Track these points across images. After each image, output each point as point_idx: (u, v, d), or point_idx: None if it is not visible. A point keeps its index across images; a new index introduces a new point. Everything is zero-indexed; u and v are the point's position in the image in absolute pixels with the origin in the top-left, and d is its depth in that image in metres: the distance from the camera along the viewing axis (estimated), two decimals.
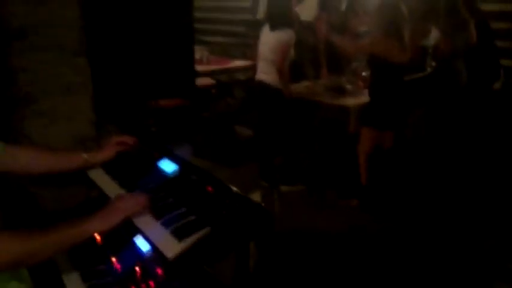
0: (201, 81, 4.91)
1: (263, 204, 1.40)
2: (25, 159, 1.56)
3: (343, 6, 4.87)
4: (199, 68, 4.34)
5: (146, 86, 2.78)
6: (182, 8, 3.14)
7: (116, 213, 1.32)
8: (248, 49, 6.43)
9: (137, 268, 1.44)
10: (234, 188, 1.43)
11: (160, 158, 1.73)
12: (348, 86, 4.18)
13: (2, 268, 1.15)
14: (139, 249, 1.41)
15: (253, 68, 4.86)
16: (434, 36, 3.84)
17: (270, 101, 4.10)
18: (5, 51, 2.07)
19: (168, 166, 1.68)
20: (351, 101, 3.95)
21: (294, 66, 4.27)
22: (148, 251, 1.38)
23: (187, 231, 1.26)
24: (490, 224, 3.40)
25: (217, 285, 1.38)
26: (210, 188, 1.46)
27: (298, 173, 4.29)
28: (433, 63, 4.17)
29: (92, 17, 2.38)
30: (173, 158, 1.71)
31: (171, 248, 1.22)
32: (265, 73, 4.12)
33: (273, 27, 4.03)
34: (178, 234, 1.25)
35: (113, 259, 1.50)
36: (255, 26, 5.41)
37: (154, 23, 2.91)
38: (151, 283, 1.39)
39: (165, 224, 1.31)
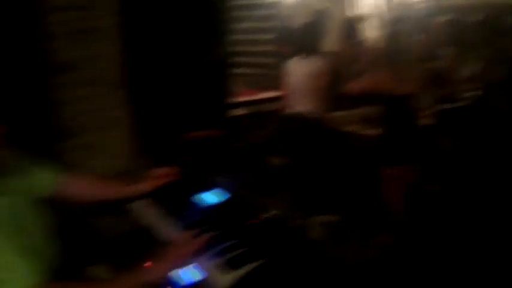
0: (233, 112, 4.93)
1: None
2: (79, 188, 1.54)
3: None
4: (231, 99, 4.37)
5: (183, 117, 2.81)
6: (217, 42, 3.19)
7: (176, 259, 1.29)
8: (277, 80, 6.46)
9: None
10: (282, 218, 1.40)
11: (203, 189, 1.74)
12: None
13: None
14: (191, 280, 1.37)
15: (282, 99, 4.85)
16: (472, 66, 3.79)
17: (310, 131, 4.03)
18: (48, 85, 2.10)
19: (211, 197, 1.68)
20: None
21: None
22: (200, 280, 1.34)
23: (240, 262, 1.24)
24: None
25: None
26: (257, 219, 1.43)
27: (333, 203, 4.20)
28: (471, 93, 4.10)
29: (131, 51, 2.42)
30: (216, 189, 1.72)
31: (224, 278, 1.21)
32: (303, 104, 4.08)
33: (306, 56, 4.02)
34: (231, 265, 1.23)
35: None
36: (281, 58, 5.44)
37: (191, 57, 2.96)
38: None
39: (217, 255, 1.30)
